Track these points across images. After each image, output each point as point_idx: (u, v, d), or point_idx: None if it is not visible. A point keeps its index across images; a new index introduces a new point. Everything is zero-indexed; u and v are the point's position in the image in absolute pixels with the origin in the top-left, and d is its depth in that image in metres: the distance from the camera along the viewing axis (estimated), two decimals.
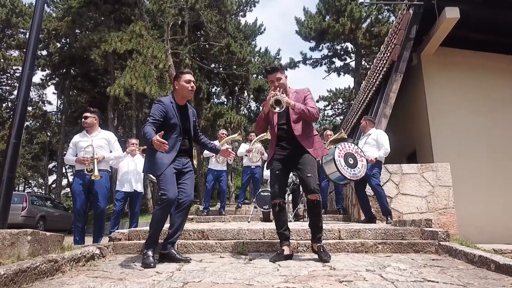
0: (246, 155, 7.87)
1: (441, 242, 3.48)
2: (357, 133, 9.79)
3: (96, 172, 4.57)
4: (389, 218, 5.22)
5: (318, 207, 3.20)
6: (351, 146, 5.15)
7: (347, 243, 3.60)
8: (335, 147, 5.00)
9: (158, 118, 3.16)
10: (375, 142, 5.56)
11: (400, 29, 7.18)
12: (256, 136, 8.02)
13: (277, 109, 3.10)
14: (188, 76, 3.29)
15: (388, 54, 7.62)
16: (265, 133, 8.18)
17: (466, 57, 8.35)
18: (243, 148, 8.01)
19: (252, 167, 7.90)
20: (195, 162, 6.28)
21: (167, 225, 3.37)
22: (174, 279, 2.43)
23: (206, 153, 7.43)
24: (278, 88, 3.26)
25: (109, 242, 3.74)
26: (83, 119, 4.90)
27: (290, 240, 3.37)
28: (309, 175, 3.15)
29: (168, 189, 3.00)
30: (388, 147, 5.46)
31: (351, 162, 4.98)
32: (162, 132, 2.97)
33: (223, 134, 7.69)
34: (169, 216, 3.29)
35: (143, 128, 3.10)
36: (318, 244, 3.16)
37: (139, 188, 6.10)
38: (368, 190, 5.70)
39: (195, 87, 3.34)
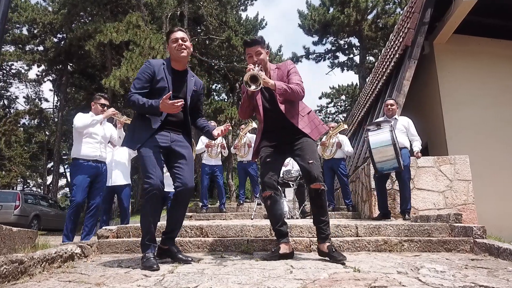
0: (235, 152, 7.43)
1: (477, 240, 3.01)
2: (367, 121, 9.32)
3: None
4: (407, 215, 4.73)
5: (322, 198, 2.72)
6: (394, 132, 4.57)
7: (368, 241, 3.13)
8: (391, 130, 4.33)
9: (143, 83, 2.61)
10: (405, 130, 5.05)
11: (413, 12, 6.71)
12: (244, 127, 7.48)
13: (253, 87, 2.57)
14: (176, 34, 2.68)
15: (400, 40, 7.15)
16: (249, 125, 7.60)
17: (482, 45, 7.88)
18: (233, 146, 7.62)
19: (244, 162, 7.42)
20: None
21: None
22: (164, 284, 1.96)
23: (198, 149, 6.94)
24: (257, 64, 2.76)
25: (93, 240, 3.27)
26: (100, 106, 4.41)
27: (302, 238, 2.91)
28: (310, 161, 2.69)
29: (150, 174, 2.46)
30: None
31: (399, 149, 4.45)
32: (170, 92, 2.50)
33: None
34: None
35: (128, 99, 2.56)
36: (328, 244, 2.66)
37: (123, 181, 5.55)
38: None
39: (185, 45, 2.68)
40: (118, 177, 5.47)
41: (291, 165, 6.92)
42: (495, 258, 2.71)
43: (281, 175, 5.93)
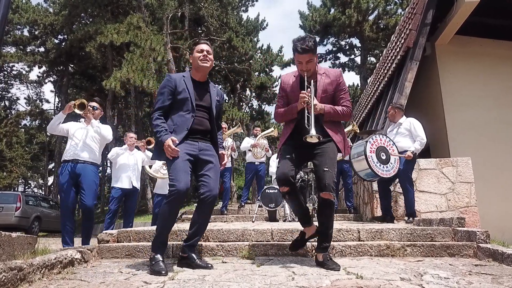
0: (250, 150, 7.34)
1: (480, 244, 2.98)
2: (366, 127, 9.30)
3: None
4: (410, 218, 4.70)
5: (330, 209, 2.68)
6: (383, 138, 4.59)
7: (370, 246, 3.10)
8: (366, 141, 4.45)
9: (165, 100, 2.72)
10: (408, 132, 4.99)
11: (415, 13, 6.67)
12: (262, 131, 7.59)
13: (314, 136, 2.57)
14: (202, 46, 2.79)
15: (402, 41, 7.12)
16: (272, 129, 7.71)
17: (484, 46, 7.85)
18: (247, 142, 7.47)
19: (256, 163, 7.39)
20: None
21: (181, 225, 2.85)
22: None
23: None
24: (305, 73, 2.68)
25: (93, 245, 3.25)
26: (89, 108, 4.39)
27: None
28: (326, 169, 2.62)
29: (178, 178, 2.49)
30: (424, 137, 4.91)
31: (384, 157, 4.44)
32: (176, 140, 2.59)
33: (224, 128, 7.18)
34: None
35: (152, 119, 2.70)
36: (323, 254, 2.64)
37: (137, 184, 5.65)
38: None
39: (209, 57, 2.78)
40: (136, 181, 5.58)
41: None
42: (499, 263, 2.68)
43: None
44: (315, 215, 6.02)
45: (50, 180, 30.45)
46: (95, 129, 4.38)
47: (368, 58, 22.52)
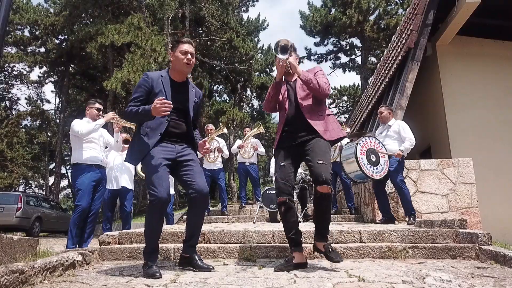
0: (238, 151, 7.44)
1: (482, 246, 2.97)
2: (367, 127, 9.29)
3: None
4: (411, 219, 4.70)
5: (327, 202, 2.64)
6: (372, 140, 4.64)
7: (372, 248, 3.10)
8: (357, 144, 4.51)
9: (139, 96, 2.62)
10: (397, 135, 5.01)
11: (416, 14, 6.67)
12: (251, 130, 7.67)
13: (280, 56, 2.63)
14: (186, 46, 2.65)
15: (403, 42, 7.11)
16: (257, 128, 7.76)
17: (485, 46, 7.83)
18: (236, 144, 7.62)
19: (246, 163, 7.48)
20: None
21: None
22: None
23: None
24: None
25: (95, 247, 3.24)
26: (95, 111, 4.43)
27: (303, 245, 2.85)
28: (320, 161, 2.60)
29: (157, 186, 2.44)
30: (413, 138, 4.92)
31: (374, 159, 4.49)
32: (164, 98, 2.47)
33: (210, 130, 7.15)
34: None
35: (125, 112, 2.62)
36: (325, 243, 2.62)
37: (128, 185, 5.58)
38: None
39: (193, 60, 2.70)
40: (125, 181, 5.52)
41: None
42: (501, 266, 2.67)
43: None
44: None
45: (51, 180, 30.45)
46: (119, 142, 4.57)
47: (369, 58, 22.52)
